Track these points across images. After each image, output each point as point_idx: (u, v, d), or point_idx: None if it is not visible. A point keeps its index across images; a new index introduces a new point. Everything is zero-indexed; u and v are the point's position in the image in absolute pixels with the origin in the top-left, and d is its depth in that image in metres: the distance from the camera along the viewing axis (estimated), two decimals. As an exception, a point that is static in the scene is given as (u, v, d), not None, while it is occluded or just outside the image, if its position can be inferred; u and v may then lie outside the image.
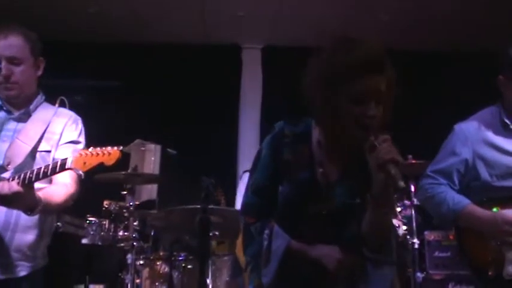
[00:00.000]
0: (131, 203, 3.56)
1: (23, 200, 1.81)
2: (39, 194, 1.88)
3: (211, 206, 2.02)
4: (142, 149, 4.08)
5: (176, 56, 5.31)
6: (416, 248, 3.64)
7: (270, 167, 1.64)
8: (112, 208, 3.64)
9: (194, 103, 5.24)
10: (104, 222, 3.73)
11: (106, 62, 5.15)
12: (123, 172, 3.51)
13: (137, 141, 3.39)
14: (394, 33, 4.99)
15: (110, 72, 5.25)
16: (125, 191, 3.90)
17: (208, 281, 2.76)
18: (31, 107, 2.14)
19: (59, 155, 2.06)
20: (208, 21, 5.12)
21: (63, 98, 2.29)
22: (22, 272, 1.98)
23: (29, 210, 1.87)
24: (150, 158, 4.12)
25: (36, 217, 2.00)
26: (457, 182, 2.26)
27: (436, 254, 3.78)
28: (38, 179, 1.79)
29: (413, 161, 3.67)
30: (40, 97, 2.20)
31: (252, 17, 4.99)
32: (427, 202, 2.30)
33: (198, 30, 5.25)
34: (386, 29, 4.91)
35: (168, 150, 4.17)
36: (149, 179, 3.97)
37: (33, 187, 1.83)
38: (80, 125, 2.22)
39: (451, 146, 2.29)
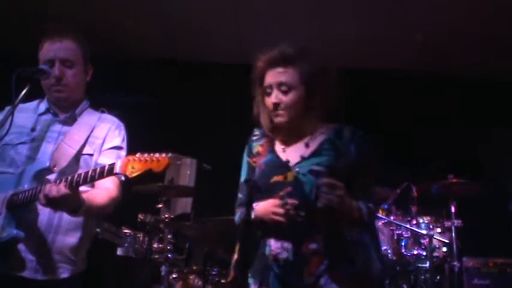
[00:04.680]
0: (166, 215, 3.57)
1: (69, 202, 1.83)
2: (83, 196, 1.90)
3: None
4: (178, 162, 4.11)
5: (211, 75, 5.37)
6: (456, 272, 3.51)
7: (247, 164, 2.01)
8: (147, 220, 3.66)
9: (227, 120, 5.27)
10: (139, 235, 3.76)
11: (142, 78, 5.24)
12: (160, 184, 3.54)
13: (173, 155, 3.41)
14: (429, 54, 4.93)
15: (146, 88, 5.34)
16: (159, 204, 3.93)
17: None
18: (77, 111, 2.19)
19: (102, 160, 2.09)
20: (243, 42, 5.17)
21: (103, 109, 2.33)
22: (63, 274, 1.99)
23: (72, 212, 1.90)
24: (185, 171, 4.14)
25: (78, 220, 2.04)
26: None
27: (475, 281, 3.64)
28: (85, 182, 1.82)
29: (454, 180, 3.57)
30: (85, 102, 2.26)
31: (288, 39, 5.02)
32: None
33: (233, 49, 5.31)
34: (421, 49, 4.86)
35: (203, 165, 4.19)
36: (184, 191, 3.99)
37: (78, 189, 1.86)
38: (123, 131, 2.26)
39: None
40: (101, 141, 2.16)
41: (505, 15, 4.32)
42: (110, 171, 1.78)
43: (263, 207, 1.82)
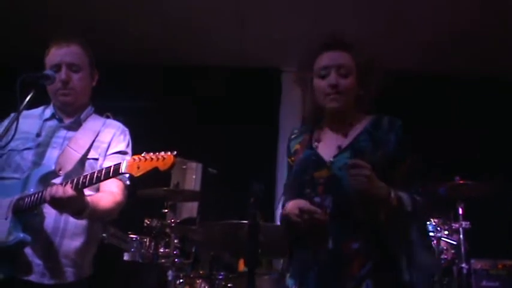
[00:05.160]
0: (172, 220, 3.57)
1: (74, 203, 1.84)
2: (87, 198, 1.91)
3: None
4: (184, 167, 4.13)
5: (216, 79, 5.39)
6: (464, 274, 3.48)
7: (287, 164, 1.95)
8: (154, 225, 3.66)
9: (233, 125, 5.27)
10: (145, 240, 3.76)
11: (144, 82, 5.26)
12: (165, 188, 3.54)
13: (179, 159, 3.42)
14: (433, 55, 4.92)
15: (150, 93, 5.35)
16: (165, 209, 3.94)
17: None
18: (82, 116, 2.21)
19: (107, 165, 2.08)
20: (247, 44, 5.18)
21: (108, 114, 2.34)
22: (70, 278, 2.00)
23: (76, 214, 1.90)
24: (191, 176, 4.15)
25: (83, 224, 2.05)
26: None
27: (484, 283, 3.62)
28: (91, 183, 1.82)
29: (461, 182, 3.55)
30: (90, 108, 2.28)
31: (292, 40, 5.03)
32: None
33: (238, 53, 5.32)
34: (424, 49, 4.84)
35: (209, 169, 4.20)
36: (190, 196, 3.99)
37: (83, 191, 1.86)
38: (128, 136, 2.27)
39: None
40: (106, 145, 2.17)
41: (506, 15, 4.31)
42: (115, 171, 1.78)
43: (292, 205, 1.75)
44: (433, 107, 5.03)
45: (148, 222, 3.75)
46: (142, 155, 1.75)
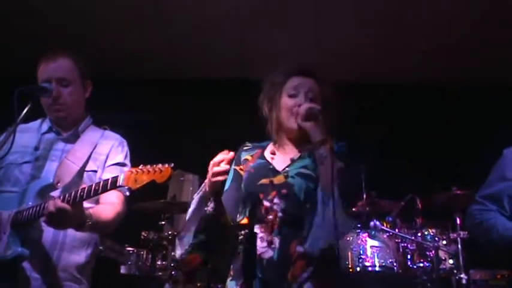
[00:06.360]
0: (170, 232, 3.55)
1: (72, 217, 1.82)
2: (89, 211, 1.90)
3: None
4: (181, 179, 4.11)
5: (213, 91, 5.39)
6: (464, 284, 3.46)
7: (232, 172, 1.99)
8: (151, 237, 3.64)
9: (230, 137, 5.25)
10: (142, 252, 3.74)
11: (145, 96, 5.26)
12: (162, 200, 3.53)
13: (176, 171, 3.41)
14: (435, 66, 4.95)
15: (149, 107, 5.35)
16: (162, 221, 3.92)
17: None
18: (79, 128, 2.21)
19: (106, 176, 2.07)
20: (245, 57, 5.20)
21: (106, 127, 2.34)
22: None
23: (78, 227, 1.89)
24: (188, 188, 4.12)
25: (82, 237, 2.04)
26: (507, 207, 2.18)
27: (483, 294, 3.60)
28: (89, 196, 1.81)
29: (458, 192, 3.54)
30: (88, 119, 2.27)
31: (289, 53, 5.06)
32: (475, 228, 2.25)
33: (235, 65, 5.34)
34: (426, 60, 4.87)
35: (206, 181, 4.17)
36: (187, 208, 3.95)
37: (82, 204, 1.85)
38: (126, 148, 2.27)
39: (500, 171, 2.23)
40: (104, 157, 2.17)
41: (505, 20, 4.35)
42: (113, 184, 1.77)
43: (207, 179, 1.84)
44: (431, 116, 5.05)
45: (145, 235, 3.72)
46: (140, 167, 1.75)
